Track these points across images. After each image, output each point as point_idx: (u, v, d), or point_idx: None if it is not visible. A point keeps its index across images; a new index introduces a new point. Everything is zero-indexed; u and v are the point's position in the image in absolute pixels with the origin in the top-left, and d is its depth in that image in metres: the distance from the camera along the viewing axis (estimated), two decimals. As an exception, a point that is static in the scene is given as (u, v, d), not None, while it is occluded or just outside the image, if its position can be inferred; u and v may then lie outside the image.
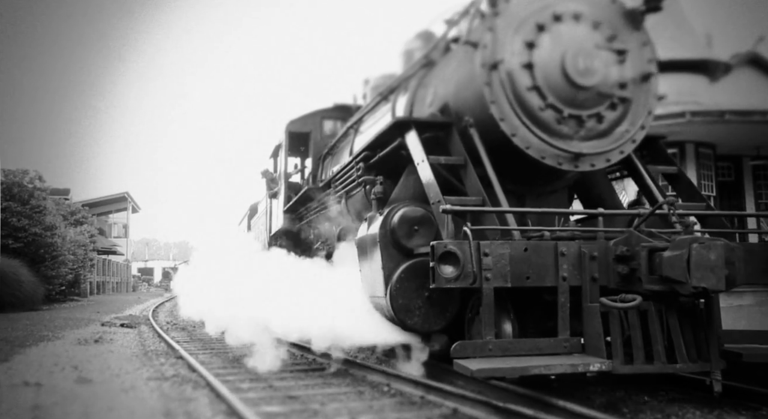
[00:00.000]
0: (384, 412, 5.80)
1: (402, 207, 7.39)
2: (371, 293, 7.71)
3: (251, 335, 9.17)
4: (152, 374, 8.08)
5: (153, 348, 11.68)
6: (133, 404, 6.10)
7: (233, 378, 7.90)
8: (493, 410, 5.58)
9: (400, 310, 7.02)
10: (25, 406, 6.03)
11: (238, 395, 6.37)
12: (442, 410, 5.91)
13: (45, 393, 6.74)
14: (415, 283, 7.03)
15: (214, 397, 6.43)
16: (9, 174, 26.84)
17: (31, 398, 6.45)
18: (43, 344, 12.17)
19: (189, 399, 6.37)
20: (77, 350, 11.10)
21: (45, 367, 8.73)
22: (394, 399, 6.42)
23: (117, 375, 8.00)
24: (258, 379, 7.79)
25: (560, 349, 5.99)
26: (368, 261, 7.75)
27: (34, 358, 9.81)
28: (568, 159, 7.14)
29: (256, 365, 8.46)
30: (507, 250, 6.03)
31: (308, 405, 6.05)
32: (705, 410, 5.99)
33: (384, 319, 7.55)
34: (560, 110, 7.03)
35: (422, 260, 7.03)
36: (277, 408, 5.92)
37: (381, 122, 9.13)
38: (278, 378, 7.89)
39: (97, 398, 6.42)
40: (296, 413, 5.73)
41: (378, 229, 7.37)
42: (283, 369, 8.40)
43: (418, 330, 7.18)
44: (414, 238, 7.30)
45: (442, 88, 7.86)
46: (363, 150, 8.57)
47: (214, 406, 5.98)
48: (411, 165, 7.88)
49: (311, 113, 13.36)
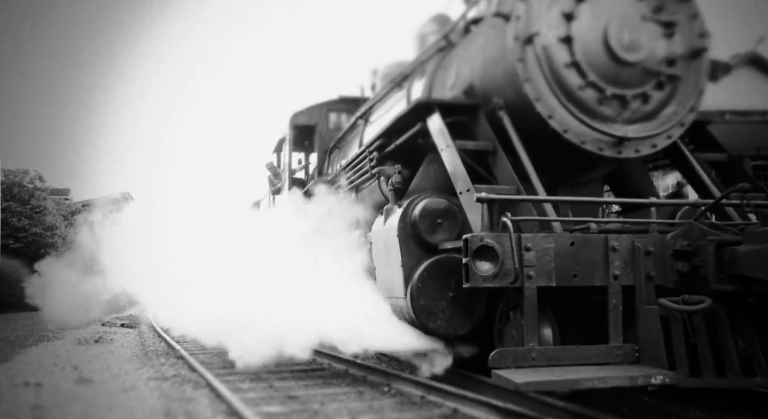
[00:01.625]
0: (384, 412, 5.52)
1: (423, 198, 6.45)
2: (388, 293, 6.79)
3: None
4: (152, 374, 7.81)
5: (153, 348, 11.35)
6: (133, 404, 5.90)
7: (233, 378, 7.55)
8: (494, 410, 5.25)
9: (421, 312, 6.18)
10: (25, 406, 5.85)
11: (238, 395, 6.12)
12: (443, 410, 5.58)
13: (45, 393, 6.55)
14: (438, 282, 6.19)
15: (214, 397, 6.21)
16: (9, 174, 26.39)
17: (31, 398, 6.27)
18: (44, 344, 11.89)
19: (189, 399, 6.16)
20: (77, 350, 10.80)
21: (45, 367, 8.49)
22: (395, 399, 6.12)
23: (117, 375, 7.75)
24: (258, 379, 7.43)
25: (612, 358, 5.04)
26: (385, 258, 6.80)
27: (35, 358, 9.55)
28: (611, 144, 6.16)
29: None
30: (551, 244, 5.07)
31: (308, 405, 5.81)
32: (705, 410, 5.53)
33: (403, 322, 6.60)
34: (602, 88, 6.05)
35: (446, 257, 6.21)
36: (277, 408, 5.69)
37: (394, 110, 8.14)
38: (278, 378, 7.52)
39: (97, 398, 6.23)
40: (296, 413, 5.50)
41: (397, 222, 6.43)
42: (283, 369, 8.01)
43: (442, 334, 6.30)
44: (437, 232, 6.38)
45: (467, 68, 6.88)
46: (377, 138, 7.59)
47: (215, 406, 5.78)
48: (432, 153, 6.92)
49: (317, 105, 12.35)
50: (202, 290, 8.98)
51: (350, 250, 8.59)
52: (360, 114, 9.83)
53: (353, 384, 7.03)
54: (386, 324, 6.90)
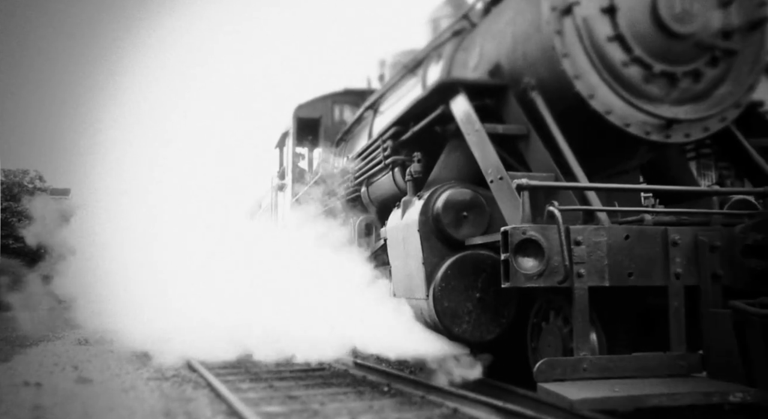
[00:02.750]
0: (384, 412, 5.35)
1: (447, 189, 5.62)
2: (407, 293, 5.99)
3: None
4: (152, 374, 7.60)
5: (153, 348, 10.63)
6: (134, 404, 5.76)
7: (233, 377, 7.31)
8: (494, 410, 5.01)
9: (445, 315, 5.39)
10: (25, 406, 5.73)
11: (238, 395, 5.97)
12: (443, 410, 5.38)
13: (45, 392, 6.42)
14: (463, 282, 5.39)
15: (214, 397, 6.07)
16: (9, 174, 25.73)
17: (31, 398, 6.14)
18: (44, 344, 11.67)
19: (189, 399, 6.02)
20: (77, 350, 10.58)
21: (45, 367, 8.33)
22: (394, 399, 5.91)
23: (117, 375, 7.57)
24: (258, 379, 7.19)
25: (676, 369, 4.25)
26: (403, 255, 5.97)
27: (35, 358, 9.36)
28: (658, 128, 5.31)
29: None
30: (604, 238, 4.26)
31: (308, 405, 5.65)
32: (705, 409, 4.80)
33: (423, 326, 5.77)
34: (649, 65, 5.20)
35: (472, 254, 5.44)
36: (277, 408, 5.53)
37: (408, 98, 7.28)
38: (278, 378, 7.27)
39: (98, 398, 6.10)
40: (296, 413, 5.35)
41: (417, 216, 5.60)
42: (283, 369, 7.76)
43: (468, 339, 5.49)
44: (462, 226, 5.56)
45: (492, 46, 6.02)
46: (392, 125, 6.72)
47: (215, 406, 5.64)
48: (453, 140, 6.09)
49: (321, 97, 11.43)
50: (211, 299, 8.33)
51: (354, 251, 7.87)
52: (369, 104, 8.95)
53: (353, 384, 6.76)
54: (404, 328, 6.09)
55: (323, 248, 8.07)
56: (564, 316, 4.62)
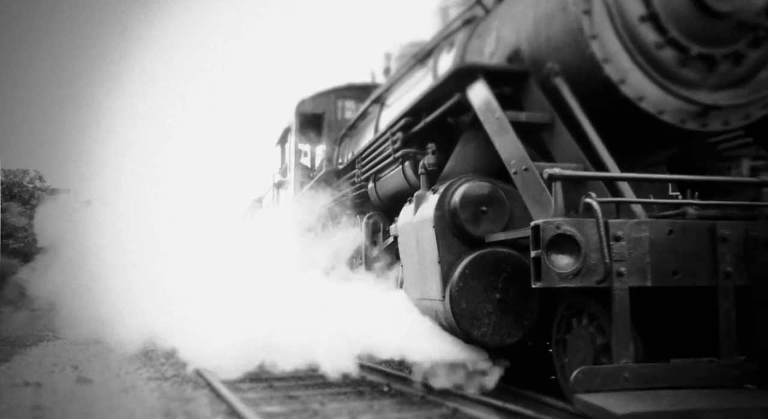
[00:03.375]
0: (384, 412, 5.24)
1: (464, 182, 5.11)
2: (420, 294, 5.49)
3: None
4: (152, 374, 7.49)
5: (153, 348, 10.50)
6: (134, 404, 5.69)
7: (234, 377, 6.97)
8: (494, 410, 4.87)
9: (463, 317, 4.89)
10: (25, 406, 5.67)
11: (238, 395, 5.84)
12: (442, 410, 5.25)
13: (45, 392, 6.34)
14: (483, 282, 4.90)
15: (214, 397, 5.96)
16: (9, 174, 25.30)
17: (31, 398, 6.07)
18: (44, 344, 11.60)
19: (189, 399, 5.93)
20: (77, 350, 10.45)
21: (45, 367, 8.23)
22: (394, 399, 5.79)
23: (117, 375, 7.45)
24: (258, 379, 6.97)
25: (729, 379, 3.72)
26: (416, 254, 5.46)
27: (34, 358, 9.27)
28: (694, 115, 4.78)
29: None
30: (645, 233, 3.75)
31: (308, 405, 5.54)
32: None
33: (438, 328, 5.26)
34: (685, 47, 4.67)
35: (492, 252, 4.95)
36: (277, 408, 5.42)
37: (418, 89, 6.76)
38: (278, 378, 7.06)
39: (97, 398, 6.01)
40: (296, 413, 5.24)
41: (432, 211, 5.09)
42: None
43: (487, 343, 4.99)
44: (481, 222, 5.05)
45: (511, 30, 5.50)
46: (402, 116, 6.21)
47: (215, 406, 5.55)
48: (469, 131, 5.58)
49: (325, 92, 10.86)
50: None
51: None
52: (375, 97, 8.41)
53: (353, 384, 6.57)
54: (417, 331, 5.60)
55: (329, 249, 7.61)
56: (594, 319, 4.14)
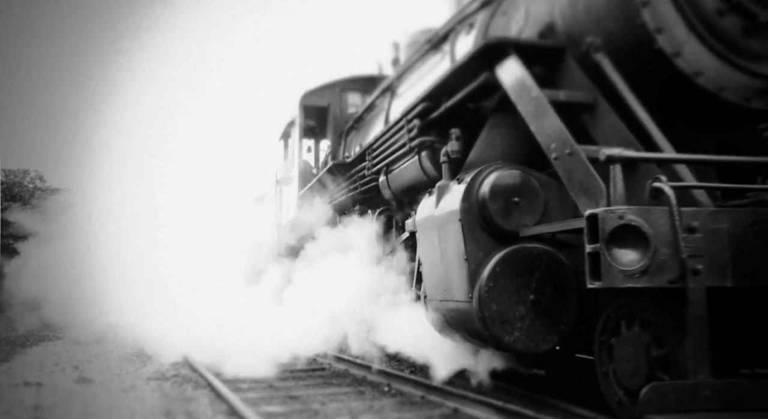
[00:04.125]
0: (384, 412, 5.07)
1: (494, 170, 4.45)
2: (441, 295, 4.86)
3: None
4: (153, 374, 7.26)
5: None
6: (134, 404, 5.54)
7: (234, 377, 6.83)
8: (494, 410, 4.65)
9: (494, 321, 4.25)
10: (25, 406, 5.54)
11: (238, 395, 5.70)
12: (443, 410, 5.06)
13: (46, 392, 6.19)
14: (515, 281, 4.27)
15: (214, 397, 5.81)
16: (9, 174, 24.61)
17: (31, 398, 5.94)
18: (44, 344, 11.30)
19: (189, 399, 5.78)
20: (77, 350, 10.12)
21: (45, 367, 8.03)
22: (395, 399, 5.60)
23: (117, 374, 7.26)
24: (258, 379, 6.72)
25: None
26: (438, 250, 4.81)
27: (35, 358, 9.03)
28: (759, 92, 4.12)
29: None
30: (725, 223, 3.08)
31: (309, 405, 5.38)
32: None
33: (464, 333, 4.59)
34: (753, 13, 3.99)
35: (524, 248, 4.31)
36: (278, 408, 5.29)
37: (433, 75, 6.11)
38: (278, 377, 6.87)
39: (98, 398, 5.85)
40: (296, 413, 5.10)
41: (459, 203, 4.45)
42: (284, 368, 7.29)
43: (520, 349, 4.33)
44: (513, 215, 4.39)
45: (542, 4, 4.82)
46: (420, 101, 5.55)
47: (215, 406, 5.40)
48: (496, 115, 4.94)
49: (330, 84, 10.16)
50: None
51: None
52: (385, 86, 7.73)
53: (353, 384, 6.42)
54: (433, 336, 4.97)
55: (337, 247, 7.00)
56: (648, 325, 3.50)
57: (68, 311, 12.54)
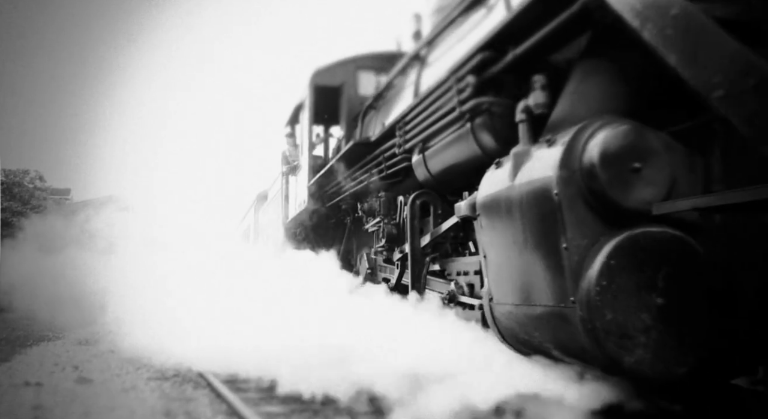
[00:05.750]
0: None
1: (602, 126, 3.00)
2: (518, 297, 3.45)
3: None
4: (153, 374, 6.95)
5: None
6: (134, 404, 5.26)
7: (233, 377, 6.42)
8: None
9: (608, 334, 2.86)
10: (26, 406, 5.25)
11: (238, 395, 5.36)
12: None
13: (46, 392, 5.87)
14: (636, 279, 2.88)
15: (214, 397, 5.52)
16: (9, 174, 23.55)
17: (32, 398, 5.63)
18: (44, 344, 10.69)
19: (189, 398, 5.49)
20: (78, 350, 9.69)
21: (46, 367, 7.72)
22: None
23: (117, 374, 6.98)
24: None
25: None
26: (514, 237, 3.40)
27: (35, 358, 8.63)
28: None
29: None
30: None
31: (308, 405, 4.86)
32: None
33: (555, 350, 3.15)
34: None
35: (650, 233, 2.90)
36: (278, 408, 4.91)
37: (480, 30, 4.62)
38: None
39: (98, 398, 5.56)
40: (296, 413, 4.73)
41: (555, 170, 3.01)
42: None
43: (646, 374, 2.90)
44: (634, 187, 2.89)
45: None
46: (477, 51, 4.08)
47: (215, 406, 5.12)
48: (586, 61, 3.47)
49: (343, 61, 8.58)
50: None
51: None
52: (413, 54, 6.21)
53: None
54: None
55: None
56: None
57: (69, 311, 11.95)
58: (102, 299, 10.81)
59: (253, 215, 17.11)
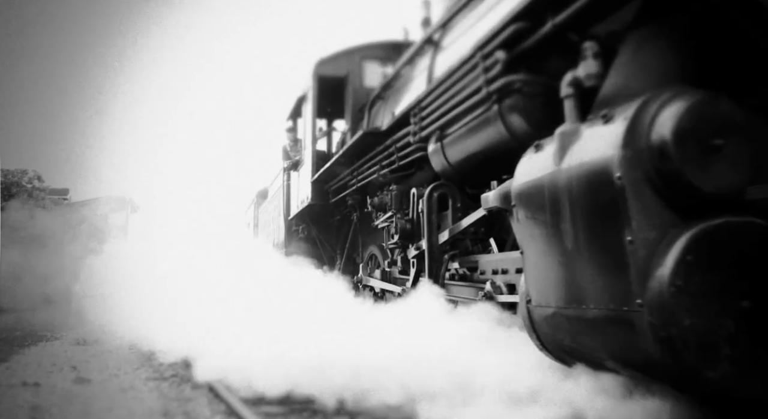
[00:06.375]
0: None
1: (673, 97, 2.45)
2: (561, 298, 2.92)
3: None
4: (151, 374, 6.59)
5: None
6: (132, 404, 5.00)
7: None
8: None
9: (687, 344, 2.30)
10: (23, 406, 4.99)
11: (237, 394, 4.94)
12: None
13: (44, 393, 5.59)
14: (717, 279, 2.32)
15: (212, 397, 5.14)
16: (8, 174, 22.97)
17: (29, 398, 5.35)
18: (42, 344, 10.22)
19: (188, 399, 5.16)
20: (76, 350, 9.23)
21: (43, 367, 7.45)
22: None
23: (116, 374, 6.62)
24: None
25: None
26: (560, 230, 2.81)
27: (33, 358, 8.31)
28: None
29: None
30: None
31: (308, 405, 4.51)
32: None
33: (612, 361, 2.60)
34: None
35: (734, 223, 2.36)
36: (277, 409, 4.55)
37: (493, 16, 4.06)
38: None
39: (96, 398, 5.27)
40: (296, 413, 4.40)
41: (617, 150, 2.43)
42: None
43: (733, 392, 2.32)
44: (714, 168, 2.36)
45: None
46: (510, 22, 3.54)
47: (213, 406, 4.81)
48: (639, 31, 2.93)
49: (348, 50, 8.01)
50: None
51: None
52: (426, 38, 5.65)
53: None
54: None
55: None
56: None
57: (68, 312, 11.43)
58: (101, 300, 10.52)
59: (254, 213, 16.53)
